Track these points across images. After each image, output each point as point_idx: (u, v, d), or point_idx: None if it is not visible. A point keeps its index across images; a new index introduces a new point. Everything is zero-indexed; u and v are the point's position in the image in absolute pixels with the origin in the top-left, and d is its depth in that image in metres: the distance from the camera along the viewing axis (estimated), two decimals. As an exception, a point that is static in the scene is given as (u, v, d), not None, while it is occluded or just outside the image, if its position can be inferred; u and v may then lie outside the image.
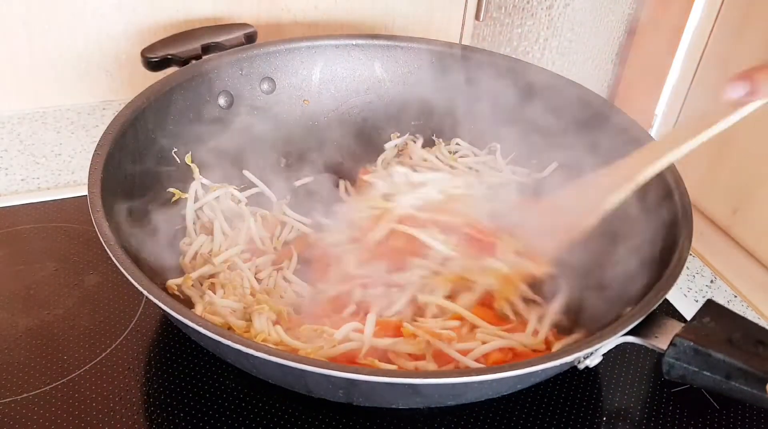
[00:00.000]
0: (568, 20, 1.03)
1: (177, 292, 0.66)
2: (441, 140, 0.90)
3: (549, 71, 0.85)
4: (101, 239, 0.56)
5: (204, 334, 0.50)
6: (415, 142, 0.91)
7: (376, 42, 0.89)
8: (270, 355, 0.48)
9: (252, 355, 0.49)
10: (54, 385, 0.64)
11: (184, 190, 0.76)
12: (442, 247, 0.71)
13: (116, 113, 0.69)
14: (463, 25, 1.05)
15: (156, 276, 0.64)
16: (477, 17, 1.04)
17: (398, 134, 0.91)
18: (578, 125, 0.80)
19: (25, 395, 0.62)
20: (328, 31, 0.98)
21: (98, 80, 0.91)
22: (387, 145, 0.91)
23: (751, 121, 0.89)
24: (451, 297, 0.68)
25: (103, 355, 0.67)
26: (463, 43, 1.06)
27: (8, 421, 0.60)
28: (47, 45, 0.86)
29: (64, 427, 0.60)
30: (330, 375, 0.48)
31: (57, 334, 0.69)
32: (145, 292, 0.52)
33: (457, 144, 0.90)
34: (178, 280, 0.66)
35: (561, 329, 0.66)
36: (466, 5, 1.03)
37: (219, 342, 0.49)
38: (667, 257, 0.60)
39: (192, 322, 0.50)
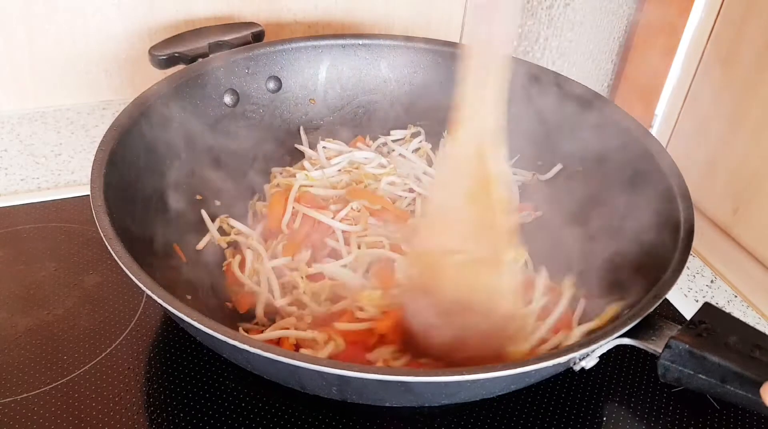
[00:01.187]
0: (568, 20, 1.03)
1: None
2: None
3: (551, 71, 0.85)
4: (101, 233, 0.56)
5: (199, 329, 0.50)
6: (420, 134, 0.91)
7: (382, 42, 0.89)
8: (263, 350, 0.48)
9: (246, 351, 0.49)
10: (54, 385, 0.64)
11: (187, 188, 0.76)
12: (341, 226, 0.74)
13: (116, 113, 0.69)
14: (463, 25, 1.05)
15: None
16: (477, 17, 1.03)
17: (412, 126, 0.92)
18: (582, 125, 0.80)
19: (25, 395, 0.63)
20: (328, 31, 0.98)
21: (98, 80, 0.91)
22: (393, 132, 0.91)
23: (752, 121, 0.89)
24: None
25: (103, 355, 0.67)
26: (463, 43, 1.06)
27: (8, 421, 0.60)
28: (47, 45, 0.86)
29: (64, 427, 0.60)
30: (322, 371, 0.48)
31: (57, 334, 0.69)
32: (142, 286, 0.52)
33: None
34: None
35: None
36: (466, 5, 1.03)
37: (214, 337, 0.50)
38: (666, 260, 0.60)
39: (188, 317, 0.50)
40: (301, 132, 0.89)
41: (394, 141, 0.91)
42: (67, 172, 0.91)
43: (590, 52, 1.07)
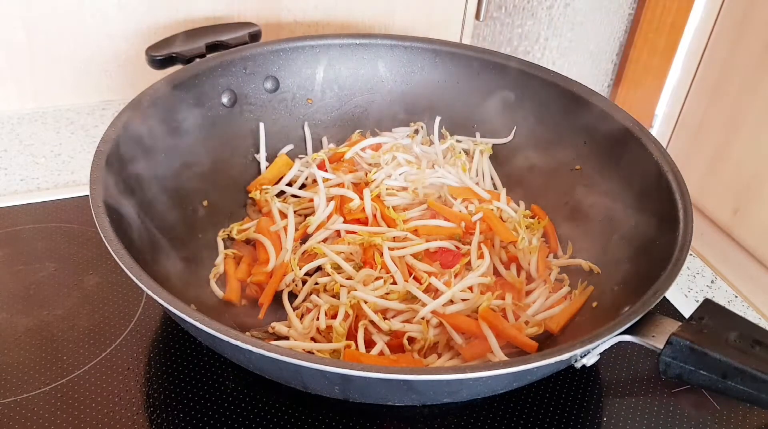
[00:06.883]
0: (568, 20, 1.03)
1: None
2: (441, 137, 0.90)
3: (551, 70, 0.85)
4: (101, 233, 0.56)
5: (201, 329, 0.50)
6: (418, 132, 0.91)
7: (379, 41, 0.89)
8: (265, 350, 0.48)
9: (248, 351, 0.49)
10: (54, 385, 0.64)
11: (185, 187, 0.76)
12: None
13: (116, 113, 0.69)
14: (463, 25, 1.05)
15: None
16: (477, 17, 1.04)
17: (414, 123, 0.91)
18: (579, 123, 0.80)
19: (25, 395, 0.62)
20: (328, 31, 0.99)
21: (98, 80, 0.91)
22: (395, 130, 0.91)
23: (752, 121, 0.89)
24: None
25: (103, 355, 0.67)
26: (463, 42, 1.06)
27: (8, 421, 0.60)
28: (47, 45, 0.86)
29: (64, 427, 0.60)
30: (324, 370, 0.48)
31: (57, 334, 0.69)
32: (142, 286, 0.52)
33: (457, 141, 0.90)
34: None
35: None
36: (466, 5, 1.03)
37: (215, 337, 0.49)
38: (666, 257, 0.60)
39: (189, 317, 0.50)
40: (305, 128, 0.89)
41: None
42: (66, 172, 0.91)
43: (590, 52, 1.07)
